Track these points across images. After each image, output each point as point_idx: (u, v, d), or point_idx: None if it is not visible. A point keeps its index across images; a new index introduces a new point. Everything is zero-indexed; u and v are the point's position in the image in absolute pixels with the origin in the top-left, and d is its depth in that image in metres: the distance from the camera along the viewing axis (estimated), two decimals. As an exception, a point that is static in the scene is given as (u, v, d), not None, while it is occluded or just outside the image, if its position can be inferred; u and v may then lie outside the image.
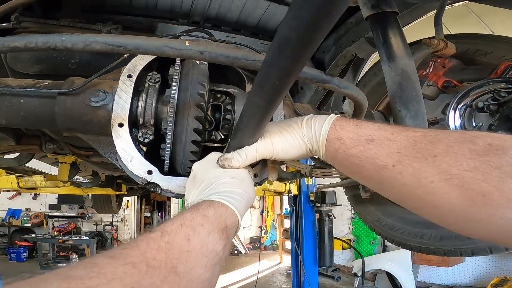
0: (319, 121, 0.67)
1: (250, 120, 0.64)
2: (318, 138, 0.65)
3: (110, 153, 0.85)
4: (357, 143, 0.59)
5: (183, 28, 1.56)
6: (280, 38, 0.43)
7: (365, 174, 0.60)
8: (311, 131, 0.67)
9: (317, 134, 0.65)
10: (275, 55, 0.46)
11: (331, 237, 5.17)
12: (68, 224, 10.54)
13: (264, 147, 0.69)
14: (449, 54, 1.24)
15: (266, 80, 0.51)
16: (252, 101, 0.59)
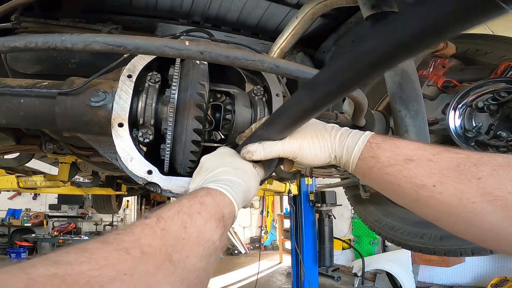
0: (352, 138, 0.66)
1: (287, 118, 0.62)
2: (350, 155, 0.65)
3: (110, 153, 0.85)
4: (395, 162, 0.60)
5: (183, 28, 1.57)
6: (363, 52, 0.40)
7: (400, 192, 0.60)
8: (342, 147, 0.67)
9: (349, 151, 0.65)
10: (350, 64, 0.43)
11: (331, 237, 5.17)
12: (68, 224, 10.55)
13: (291, 148, 0.68)
14: (449, 54, 1.24)
15: (325, 85, 0.49)
16: (300, 99, 0.56)
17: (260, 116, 0.92)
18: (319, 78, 0.51)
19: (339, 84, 0.47)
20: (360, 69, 0.42)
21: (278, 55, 1.49)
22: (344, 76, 0.45)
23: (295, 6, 1.59)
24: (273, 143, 0.68)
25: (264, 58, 0.70)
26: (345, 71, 0.44)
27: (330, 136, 0.69)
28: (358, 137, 0.66)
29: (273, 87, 0.97)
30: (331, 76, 0.48)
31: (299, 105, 0.57)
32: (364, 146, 0.64)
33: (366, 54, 0.39)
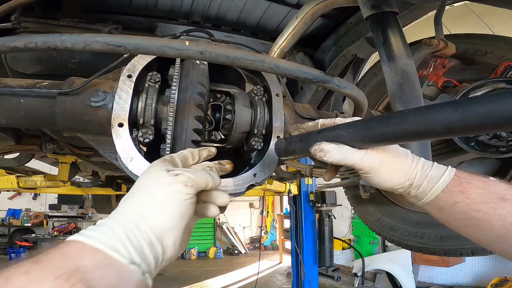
0: (437, 170, 0.63)
1: (391, 133, 0.55)
2: (431, 186, 0.62)
3: (110, 153, 0.85)
4: (488, 199, 0.59)
5: (183, 28, 1.56)
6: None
7: (487, 228, 0.59)
8: (424, 177, 0.63)
9: (432, 182, 0.62)
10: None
11: (331, 237, 5.17)
12: (68, 224, 10.55)
13: (371, 162, 0.62)
14: (449, 54, 1.24)
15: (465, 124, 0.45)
16: (429, 119, 0.49)
17: (260, 116, 0.92)
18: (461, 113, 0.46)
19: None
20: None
21: (278, 55, 1.49)
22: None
23: (295, 6, 1.59)
24: (352, 150, 0.62)
25: (264, 58, 0.70)
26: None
27: (412, 162, 0.64)
28: (444, 170, 0.63)
29: (273, 87, 0.97)
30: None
31: (418, 124, 0.51)
32: (452, 180, 0.61)
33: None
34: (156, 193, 0.52)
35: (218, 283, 7.93)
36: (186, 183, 0.53)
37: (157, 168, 0.56)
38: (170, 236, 0.51)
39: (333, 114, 1.14)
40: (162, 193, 0.52)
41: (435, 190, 0.62)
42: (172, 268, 9.32)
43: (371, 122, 0.59)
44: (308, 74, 0.76)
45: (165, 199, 0.52)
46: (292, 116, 1.03)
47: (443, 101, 1.38)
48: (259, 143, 0.91)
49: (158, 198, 0.52)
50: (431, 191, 0.62)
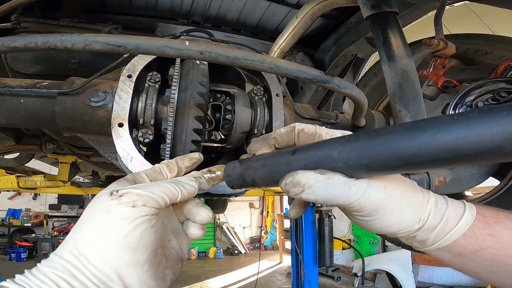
0: (454, 207, 0.47)
1: (427, 152, 0.36)
2: (449, 229, 0.46)
3: (110, 153, 0.85)
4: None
5: (183, 28, 1.57)
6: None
7: (501, 279, 0.48)
8: (440, 217, 0.46)
9: (450, 224, 0.46)
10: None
11: (331, 237, 5.17)
12: (68, 224, 10.55)
13: (376, 200, 0.43)
14: (449, 54, 1.24)
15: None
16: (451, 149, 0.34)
17: (260, 116, 0.92)
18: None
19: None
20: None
21: (278, 55, 1.49)
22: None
23: (295, 6, 1.59)
24: (347, 183, 0.42)
25: (264, 58, 0.70)
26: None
27: (423, 197, 0.47)
28: (462, 208, 0.47)
29: (273, 87, 0.97)
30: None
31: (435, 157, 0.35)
32: (476, 219, 0.46)
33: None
34: (93, 225, 0.42)
35: (218, 283, 7.94)
36: (133, 204, 0.42)
37: (102, 192, 0.45)
38: (131, 273, 0.42)
39: (333, 115, 1.14)
40: (100, 224, 0.42)
41: (453, 234, 0.46)
42: (172, 268, 9.32)
43: (387, 135, 0.38)
44: (308, 74, 0.76)
45: (104, 231, 0.41)
46: (292, 116, 1.03)
47: (443, 101, 1.38)
48: (259, 143, 0.91)
49: (96, 231, 0.42)
50: (448, 235, 0.47)
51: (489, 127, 0.32)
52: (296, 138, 0.50)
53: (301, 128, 0.49)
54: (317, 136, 0.49)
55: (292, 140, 0.51)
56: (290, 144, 0.51)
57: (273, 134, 0.52)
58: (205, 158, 1.04)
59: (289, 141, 0.51)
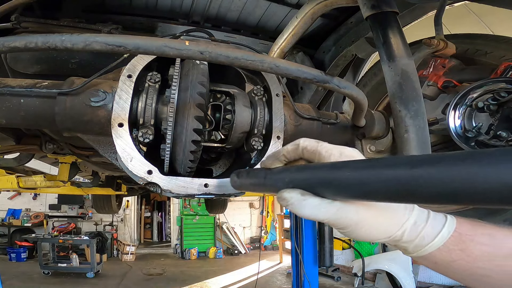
0: (433, 224, 0.52)
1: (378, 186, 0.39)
2: (425, 243, 0.52)
3: (110, 153, 0.85)
4: (493, 258, 0.51)
5: (183, 28, 1.57)
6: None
7: (491, 282, 0.53)
8: (417, 233, 0.52)
9: (427, 240, 0.52)
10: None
11: (331, 237, 5.17)
12: (68, 224, 10.55)
13: (346, 219, 0.49)
14: (449, 54, 1.24)
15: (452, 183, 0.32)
16: (415, 177, 0.35)
17: (260, 116, 0.92)
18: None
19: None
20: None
21: (278, 55, 1.49)
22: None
23: (295, 6, 1.59)
24: (321, 203, 0.48)
25: (264, 58, 0.70)
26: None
27: (403, 216, 0.52)
28: (442, 223, 0.52)
29: (273, 87, 0.97)
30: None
31: (403, 182, 0.36)
32: (451, 236, 0.51)
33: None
34: None
35: (218, 283, 7.94)
36: None
37: None
38: None
39: (333, 114, 1.14)
40: None
41: (429, 248, 0.52)
42: (172, 268, 9.33)
43: (352, 169, 0.43)
44: (308, 74, 0.76)
45: None
46: (292, 116, 1.03)
47: (443, 101, 1.38)
48: (259, 143, 0.91)
49: None
50: (424, 248, 0.52)
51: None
52: (302, 153, 0.56)
53: (305, 146, 0.55)
54: (317, 154, 0.54)
55: (299, 155, 0.57)
56: (298, 158, 0.58)
57: (282, 151, 0.59)
58: (205, 158, 1.04)
59: (296, 157, 0.58)
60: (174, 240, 12.10)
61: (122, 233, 11.57)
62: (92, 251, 8.30)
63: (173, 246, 12.00)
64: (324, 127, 1.09)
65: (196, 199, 10.34)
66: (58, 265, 8.28)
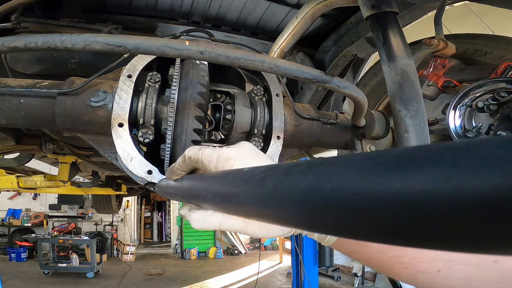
0: None
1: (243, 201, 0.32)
2: (323, 238, 0.53)
3: (110, 153, 0.85)
4: (389, 248, 0.52)
5: (183, 28, 1.57)
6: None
7: (396, 273, 0.54)
8: None
9: (322, 235, 0.53)
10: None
11: (331, 237, 5.17)
12: (68, 224, 10.55)
13: (231, 223, 0.50)
14: (449, 54, 1.24)
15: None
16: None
17: (260, 116, 0.92)
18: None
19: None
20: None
21: (278, 55, 1.49)
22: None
23: (295, 6, 1.59)
24: (206, 215, 0.49)
25: (264, 58, 0.70)
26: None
27: None
28: None
29: (273, 87, 0.97)
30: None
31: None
32: None
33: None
34: None
35: (218, 283, 7.94)
36: None
37: None
38: None
39: (333, 115, 1.14)
40: None
41: (328, 241, 0.53)
42: (172, 268, 9.33)
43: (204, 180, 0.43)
44: (308, 74, 0.76)
45: None
46: (292, 116, 1.03)
47: (443, 101, 1.38)
48: (259, 143, 0.92)
49: None
50: (325, 241, 0.53)
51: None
52: (189, 164, 0.55)
53: (189, 156, 0.53)
54: (200, 163, 0.52)
55: (189, 166, 0.56)
56: (191, 168, 0.56)
57: (176, 165, 0.58)
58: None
59: (189, 167, 0.56)
60: (174, 240, 12.11)
61: (122, 233, 11.57)
62: (92, 251, 8.30)
63: (173, 246, 12.00)
64: (324, 127, 1.09)
65: (196, 199, 10.35)
66: (58, 265, 8.28)
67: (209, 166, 0.50)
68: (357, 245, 0.54)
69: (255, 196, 0.28)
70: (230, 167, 0.48)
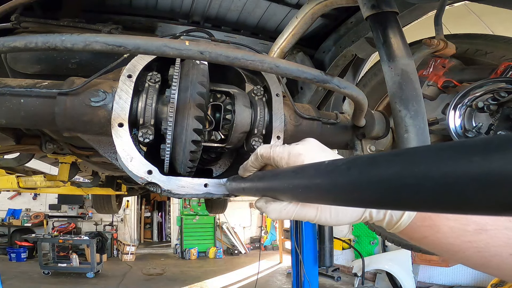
0: None
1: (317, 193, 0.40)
2: (395, 222, 0.55)
3: (110, 153, 0.85)
4: (462, 233, 0.52)
5: (183, 28, 1.57)
6: None
7: (464, 258, 0.55)
8: (382, 215, 0.55)
9: (395, 218, 0.55)
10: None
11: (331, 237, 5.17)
12: (68, 224, 10.55)
13: (305, 212, 0.55)
14: (449, 54, 1.24)
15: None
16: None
17: (260, 116, 0.92)
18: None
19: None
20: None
21: (278, 55, 1.49)
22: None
23: (295, 6, 1.59)
24: (282, 206, 0.55)
25: (264, 58, 0.70)
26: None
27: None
28: None
29: (273, 87, 0.97)
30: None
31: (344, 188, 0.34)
32: (417, 213, 0.54)
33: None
34: None
35: (218, 283, 7.94)
36: None
37: None
38: None
39: (333, 115, 1.14)
40: None
41: (399, 226, 0.55)
42: (172, 268, 9.33)
43: (294, 177, 0.45)
44: (308, 74, 0.76)
45: None
46: (292, 116, 1.03)
47: (443, 101, 1.38)
48: (259, 143, 0.92)
49: None
50: (395, 227, 0.56)
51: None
52: (262, 161, 0.63)
53: (261, 153, 0.61)
54: (272, 160, 0.59)
55: (261, 163, 0.63)
56: (263, 164, 0.64)
57: (249, 162, 0.66)
58: (205, 158, 1.04)
59: (261, 164, 0.64)
60: (174, 240, 12.11)
61: (122, 233, 11.57)
62: (92, 251, 8.30)
63: (173, 246, 12.00)
64: (324, 127, 1.09)
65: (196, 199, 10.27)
66: (58, 265, 8.28)
67: (280, 162, 0.57)
68: (428, 231, 0.54)
69: (342, 184, 0.34)
70: (301, 162, 0.54)
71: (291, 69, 0.73)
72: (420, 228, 0.55)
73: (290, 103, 1.03)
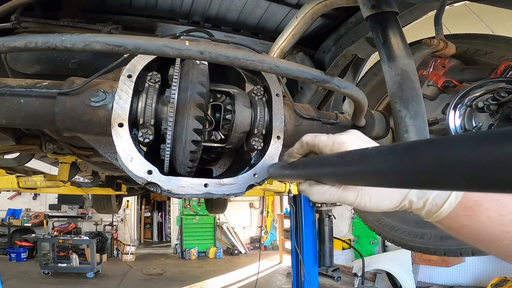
0: (441, 195, 0.56)
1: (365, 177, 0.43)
2: (435, 211, 0.56)
3: (110, 153, 0.85)
4: (501, 223, 0.53)
5: (183, 28, 1.57)
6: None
7: (501, 248, 0.56)
8: (424, 200, 0.56)
9: (436, 206, 0.56)
10: None
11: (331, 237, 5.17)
12: (68, 224, 10.55)
13: (346, 195, 0.58)
14: (449, 54, 1.24)
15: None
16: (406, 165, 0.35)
17: (260, 116, 0.92)
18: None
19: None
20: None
21: (278, 55, 1.49)
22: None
23: (295, 6, 1.59)
24: (325, 188, 0.59)
25: (264, 58, 0.70)
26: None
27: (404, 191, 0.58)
28: (448, 192, 0.55)
29: (273, 87, 0.97)
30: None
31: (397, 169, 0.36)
32: (459, 202, 0.55)
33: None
34: None
35: (218, 283, 7.94)
36: None
37: None
38: None
39: (333, 115, 1.14)
40: None
41: (439, 214, 0.57)
42: (172, 268, 9.33)
43: (341, 162, 0.49)
44: (308, 74, 0.76)
45: None
46: (292, 116, 1.03)
47: (443, 101, 1.38)
48: (259, 143, 0.91)
49: None
50: (435, 215, 0.57)
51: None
52: (306, 148, 0.67)
53: (306, 141, 0.66)
54: (317, 147, 0.64)
55: (305, 150, 0.67)
56: (307, 151, 0.68)
57: (294, 149, 0.71)
58: (205, 158, 1.04)
59: (305, 151, 0.68)
60: (174, 240, 12.11)
61: (122, 233, 11.57)
62: (92, 251, 8.30)
63: (173, 246, 12.00)
64: (324, 127, 1.09)
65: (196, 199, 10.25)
66: (58, 265, 8.29)
67: (325, 149, 0.61)
68: (468, 220, 0.55)
69: (385, 166, 0.37)
70: (344, 150, 0.57)
71: (291, 69, 0.73)
72: (460, 217, 0.56)
73: (290, 103, 1.03)
